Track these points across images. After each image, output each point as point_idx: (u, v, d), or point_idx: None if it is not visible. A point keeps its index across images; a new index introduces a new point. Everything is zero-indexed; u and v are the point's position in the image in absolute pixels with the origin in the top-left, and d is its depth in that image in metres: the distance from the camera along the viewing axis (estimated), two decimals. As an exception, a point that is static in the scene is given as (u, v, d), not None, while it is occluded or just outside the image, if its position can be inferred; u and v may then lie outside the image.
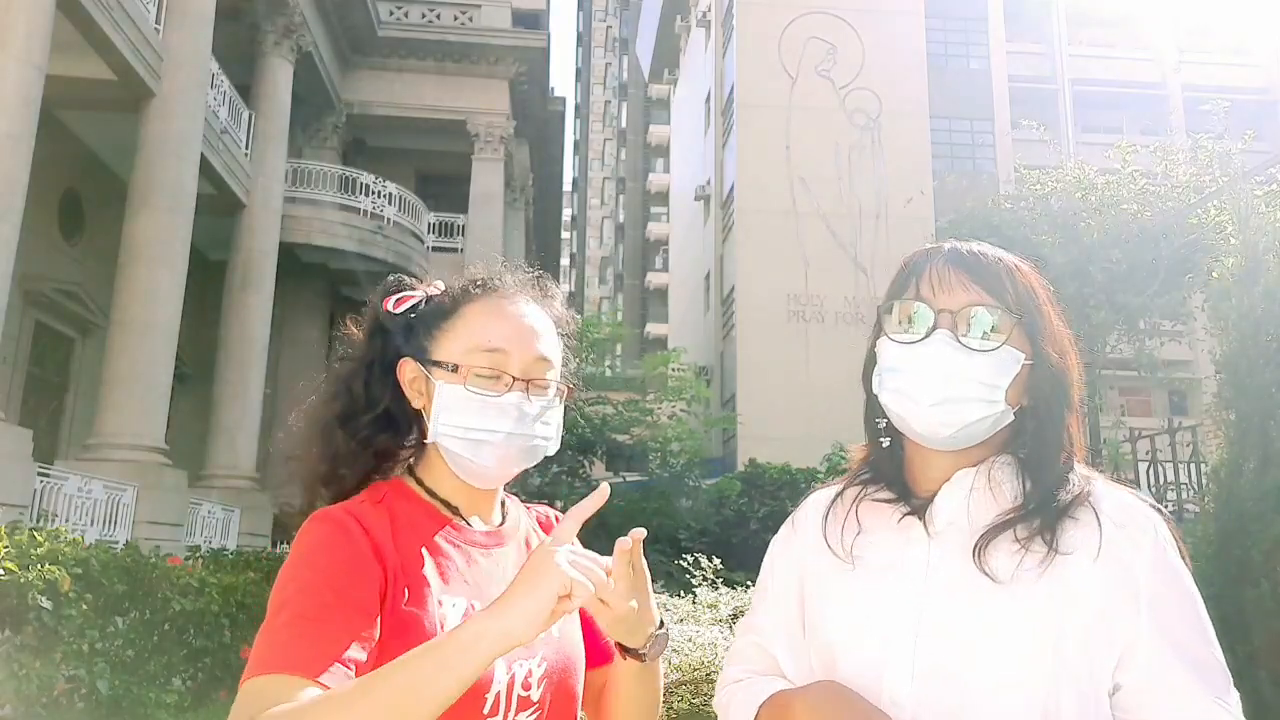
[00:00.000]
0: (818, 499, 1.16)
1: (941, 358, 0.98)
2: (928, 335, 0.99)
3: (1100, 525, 0.97)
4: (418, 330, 1.10)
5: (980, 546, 0.97)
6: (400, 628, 0.96)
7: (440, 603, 1.00)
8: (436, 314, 1.11)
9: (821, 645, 1.05)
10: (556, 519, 1.25)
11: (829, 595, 1.06)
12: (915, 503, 1.04)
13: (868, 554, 1.05)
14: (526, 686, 1.02)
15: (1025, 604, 0.94)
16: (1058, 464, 1.01)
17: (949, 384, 0.98)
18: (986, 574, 0.95)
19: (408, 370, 1.09)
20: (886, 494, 1.08)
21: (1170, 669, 0.93)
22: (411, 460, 1.13)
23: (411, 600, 0.98)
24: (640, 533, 0.97)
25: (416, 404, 1.09)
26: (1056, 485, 1.00)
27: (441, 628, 0.98)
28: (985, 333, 0.99)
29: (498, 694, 0.99)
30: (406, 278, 1.16)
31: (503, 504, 1.18)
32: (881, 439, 1.10)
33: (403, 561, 1.00)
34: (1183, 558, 0.99)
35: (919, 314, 1.01)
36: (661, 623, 1.05)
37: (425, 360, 1.08)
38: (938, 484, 1.03)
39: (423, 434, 1.10)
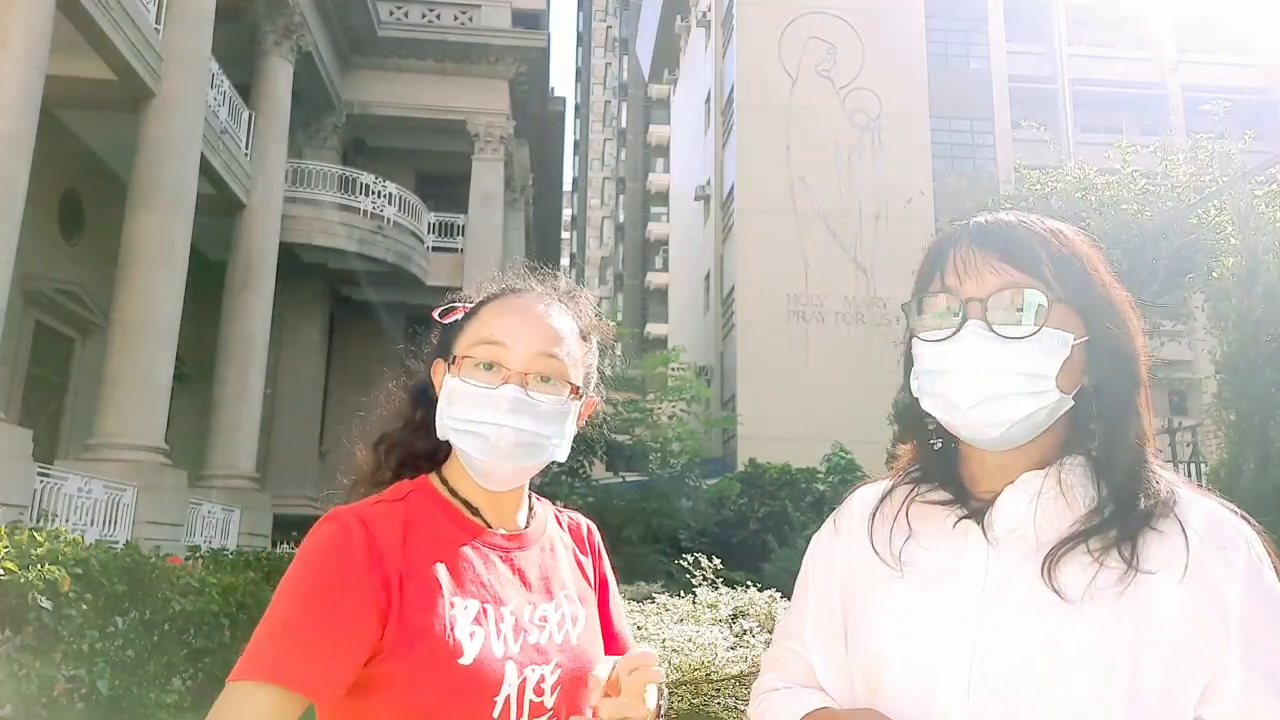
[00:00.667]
0: (863, 496, 1.07)
1: (976, 353, 0.89)
2: (958, 330, 0.90)
3: (1187, 540, 0.86)
4: (450, 335, 1.13)
5: (1051, 560, 0.87)
6: (408, 630, 0.96)
7: (452, 604, 1.00)
8: (467, 315, 1.13)
9: (866, 658, 0.95)
10: (589, 531, 1.27)
11: (875, 604, 0.97)
12: (974, 505, 0.94)
13: (919, 560, 0.95)
14: (539, 692, 1.02)
15: (1099, 626, 0.84)
16: (1133, 460, 0.90)
17: (988, 380, 0.88)
18: (1056, 590, 0.86)
19: (438, 371, 1.12)
20: (940, 495, 0.97)
21: (1265, 704, 0.83)
22: (441, 461, 1.14)
23: (419, 602, 0.98)
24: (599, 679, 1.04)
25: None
26: (1135, 489, 0.89)
27: (451, 630, 0.98)
28: (1021, 317, 0.88)
29: (508, 697, 0.99)
30: (462, 291, 1.19)
31: (530, 507, 1.18)
32: (932, 441, 1.01)
33: (411, 563, 1.00)
34: None
35: (947, 307, 0.92)
36: (660, 690, 1.05)
37: (448, 358, 1.11)
38: (999, 485, 0.93)
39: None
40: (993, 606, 0.89)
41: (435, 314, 1.14)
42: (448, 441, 1.09)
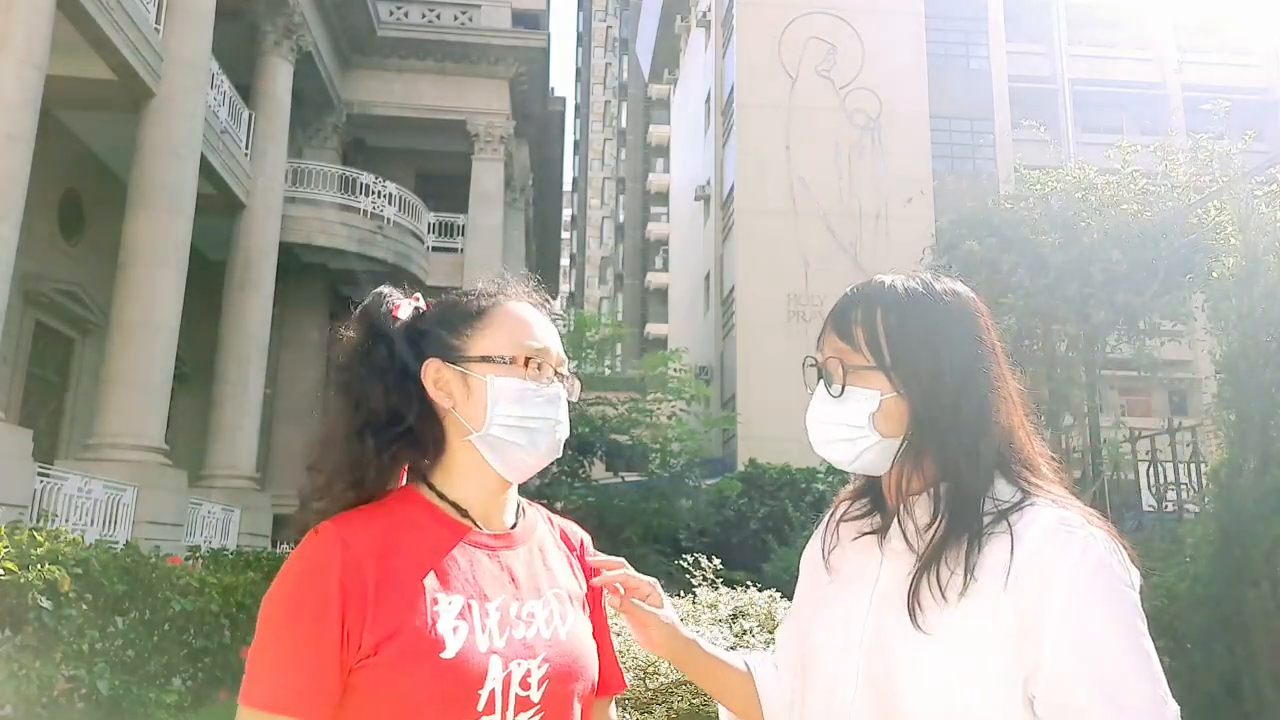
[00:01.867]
0: (830, 511, 1.26)
1: (815, 407, 1.13)
2: (814, 389, 1.14)
3: (1013, 550, 0.98)
4: (437, 333, 1.12)
5: (914, 581, 1.01)
6: (387, 630, 0.98)
7: (435, 600, 1.01)
8: (462, 316, 1.14)
9: (801, 650, 1.15)
10: (583, 543, 1.27)
11: (810, 605, 1.17)
12: (884, 521, 1.12)
13: (843, 567, 1.14)
14: (525, 686, 1.02)
15: (942, 634, 0.98)
16: (963, 487, 1.04)
17: (824, 428, 1.12)
18: (914, 603, 1.00)
19: (433, 371, 1.10)
20: (864, 510, 1.17)
21: (1074, 693, 0.91)
22: (426, 466, 1.14)
23: (399, 602, 0.99)
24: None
25: (445, 404, 1.11)
26: (966, 508, 1.03)
27: (432, 625, 0.99)
28: (836, 380, 1.09)
29: (492, 691, 0.99)
30: (394, 290, 1.17)
31: (521, 509, 1.19)
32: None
33: (390, 566, 1.01)
34: (1129, 585, 0.96)
35: (814, 368, 1.15)
36: None
37: (458, 359, 1.10)
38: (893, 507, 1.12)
39: (438, 438, 1.12)
40: (875, 614, 1.05)
41: (397, 313, 1.13)
42: (433, 446, 1.12)
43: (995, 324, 1.16)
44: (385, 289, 1.17)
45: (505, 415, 1.09)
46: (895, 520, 1.09)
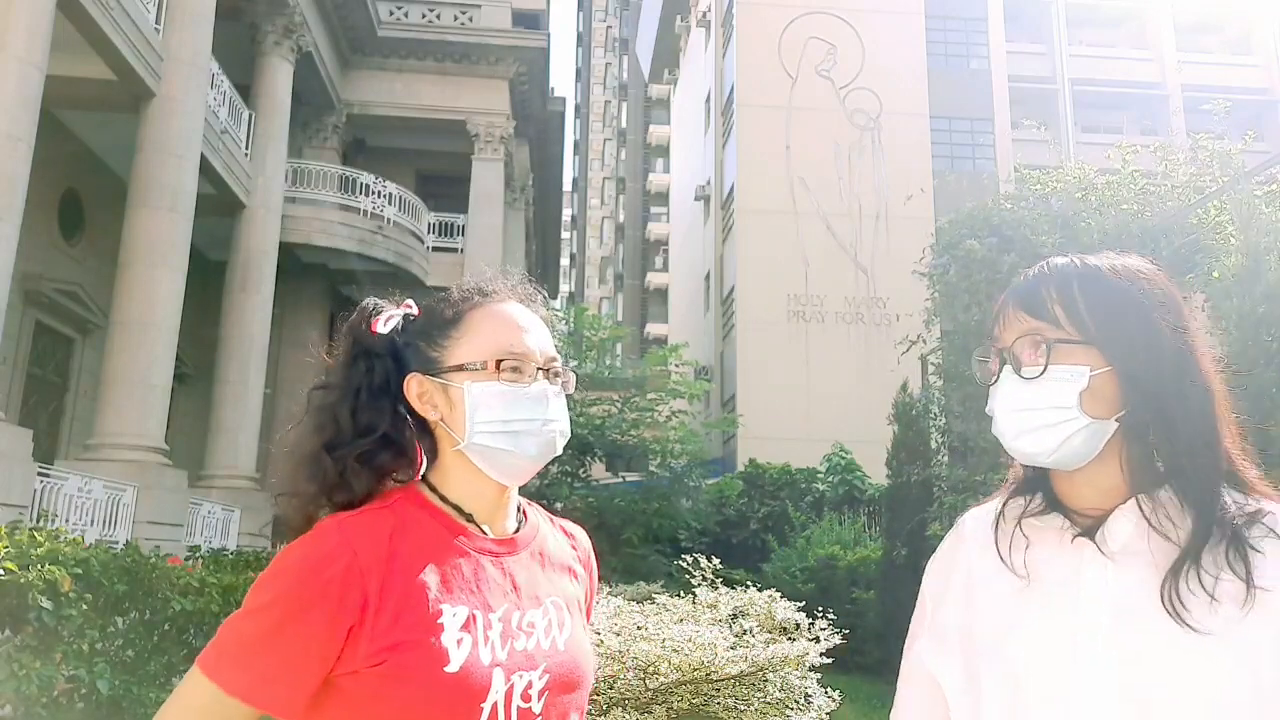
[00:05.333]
0: (977, 515, 1.14)
1: (1008, 394, 1.02)
2: (997, 377, 1.04)
3: None
4: (417, 345, 1.11)
5: (1170, 583, 0.92)
6: (390, 640, 0.97)
7: (439, 611, 1.00)
8: (438, 325, 1.12)
9: (1003, 668, 1.00)
10: (589, 540, 1.27)
11: (1004, 617, 1.02)
12: (1081, 522, 1.01)
13: (1041, 570, 1.01)
14: (526, 698, 1.02)
15: (1226, 648, 0.89)
16: (1201, 478, 0.95)
17: (1021, 417, 1.00)
18: (1177, 613, 0.90)
19: (415, 385, 1.10)
20: (1049, 512, 1.04)
21: None
22: (425, 468, 1.13)
23: (403, 612, 0.98)
24: None
25: (430, 417, 1.10)
26: (1213, 508, 0.94)
27: (437, 638, 0.98)
28: (1034, 361, 1.00)
29: (494, 704, 0.99)
30: (379, 301, 1.16)
31: (523, 512, 1.18)
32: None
33: (396, 573, 1.00)
34: None
35: (985, 362, 1.07)
36: None
37: (437, 370, 1.09)
38: (1098, 502, 1.00)
39: (433, 447, 1.11)
40: (1121, 623, 0.94)
41: (376, 327, 1.11)
42: (427, 452, 1.11)
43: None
44: (370, 302, 1.15)
45: (486, 422, 1.07)
46: (1121, 517, 0.97)
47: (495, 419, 1.07)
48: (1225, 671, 0.88)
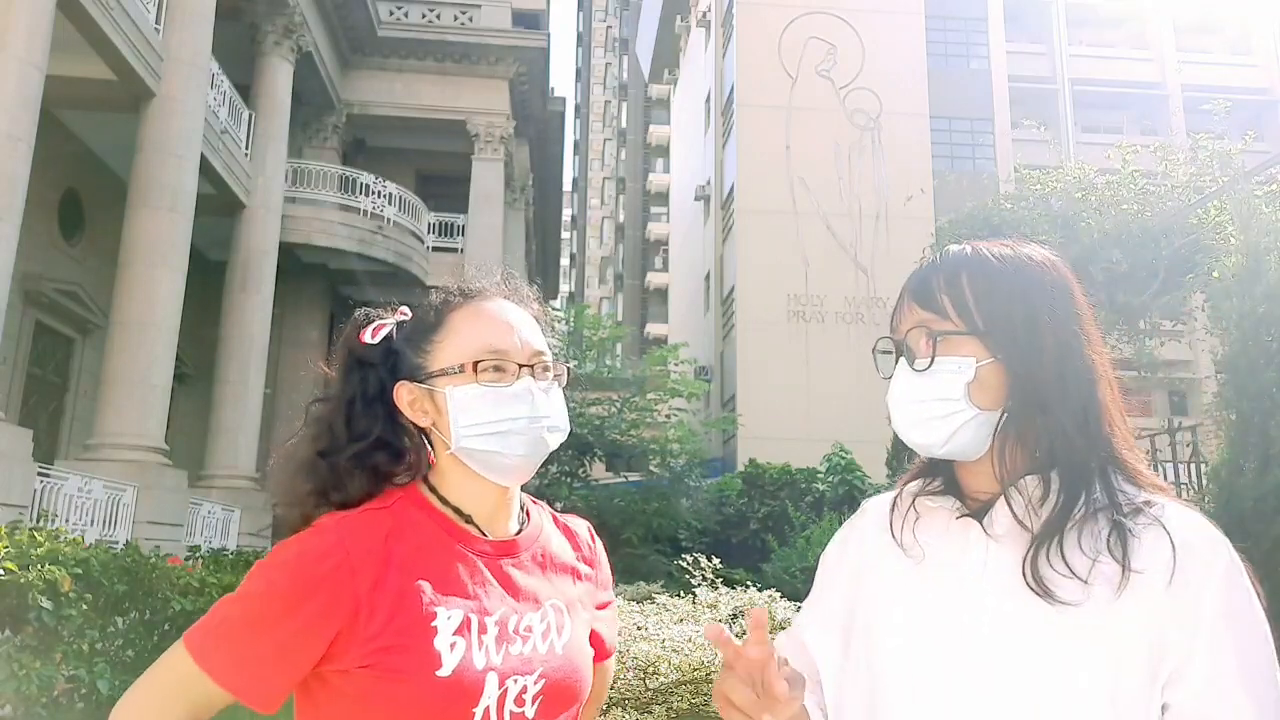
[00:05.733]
0: (877, 500, 1.16)
1: (901, 386, 1.03)
2: (893, 369, 1.05)
3: (1173, 544, 0.91)
4: (404, 353, 1.11)
5: (1029, 559, 0.93)
6: (382, 642, 0.97)
7: (434, 615, 1.00)
8: (421, 331, 1.12)
9: (875, 643, 1.03)
10: (591, 536, 1.25)
11: (888, 594, 1.04)
12: (973, 506, 1.03)
13: (930, 550, 1.03)
14: (520, 703, 1.01)
15: (1091, 626, 0.90)
16: (1078, 462, 0.96)
17: (913, 408, 1.02)
18: (1041, 589, 0.92)
19: (405, 393, 1.10)
20: (944, 494, 1.06)
21: (1230, 693, 0.87)
22: (426, 471, 1.13)
23: (396, 614, 0.98)
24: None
25: (422, 423, 1.10)
26: (1088, 486, 0.95)
27: (431, 641, 0.98)
28: (923, 352, 1.01)
29: (487, 708, 0.99)
30: (373, 310, 1.16)
31: (526, 512, 1.17)
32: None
33: (391, 575, 1.00)
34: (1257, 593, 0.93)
35: (888, 353, 1.06)
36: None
37: (423, 377, 1.09)
38: (994, 488, 1.01)
39: (429, 454, 1.11)
40: (991, 599, 0.95)
41: (364, 336, 1.12)
42: (424, 456, 1.11)
43: None
44: (362, 313, 1.16)
45: (470, 425, 1.06)
46: (1002, 502, 0.98)
47: (478, 421, 1.06)
48: (1088, 649, 0.90)
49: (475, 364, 1.06)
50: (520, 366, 1.08)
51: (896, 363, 1.04)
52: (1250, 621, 0.91)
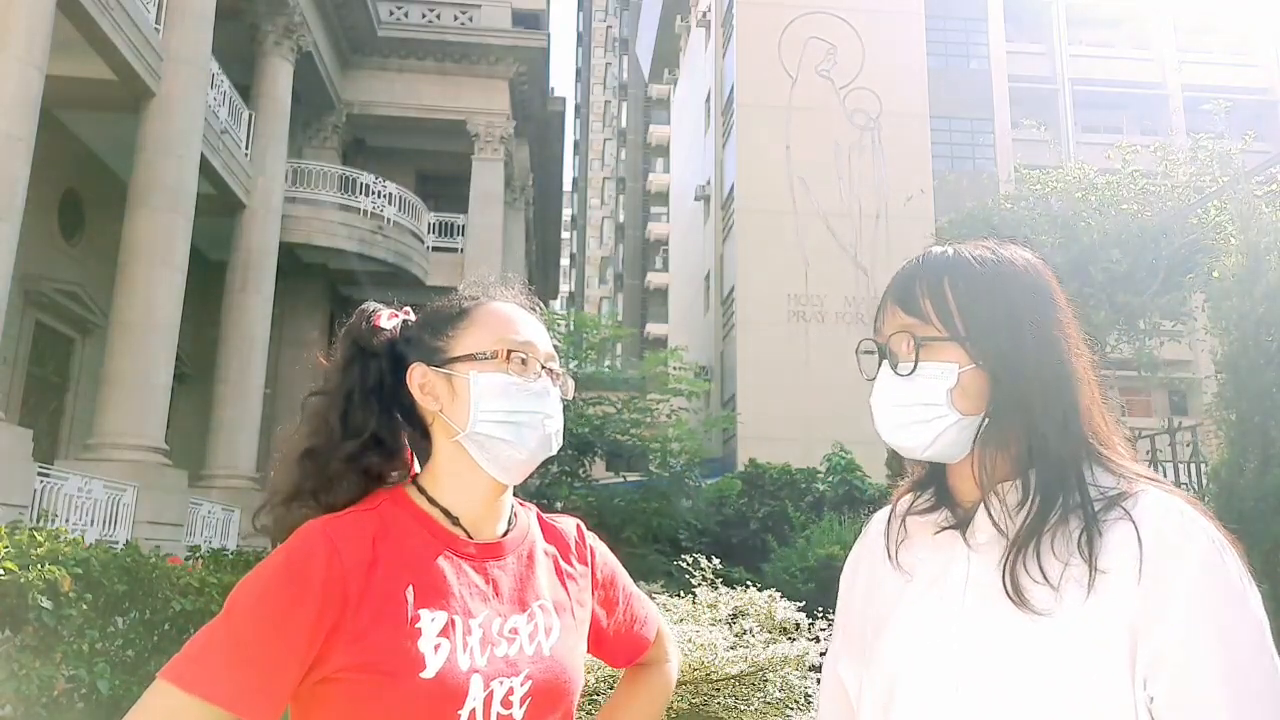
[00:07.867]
0: (880, 514, 1.16)
1: (884, 389, 1.03)
2: (876, 373, 1.05)
3: (1140, 539, 0.90)
4: (421, 338, 1.12)
5: (1006, 568, 0.94)
6: (366, 645, 0.97)
7: (417, 617, 0.99)
8: (444, 319, 1.13)
9: (882, 668, 1.02)
10: (580, 532, 1.25)
11: (889, 614, 1.05)
12: (959, 515, 1.03)
13: (919, 567, 1.04)
14: (507, 705, 1.01)
15: (1064, 631, 0.90)
16: (1057, 466, 0.96)
17: (896, 412, 1.02)
18: (1016, 596, 0.92)
19: (418, 375, 1.10)
20: (931, 506, 1.07)
21: (1204, 682, 0.85)
22: (415, 471, 1.14)
23: (380, 617, 0.98)
24: None
25: (431, 408, 1.10)
26: (1066, 489, 0.95)
27: (414, 644, 0.98)
28: (905, 357, 1.01)
29: (473, 710, 0.99)
30: (379, 305, 1.18)
31: (514, 514, 1.17)
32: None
33: (376, 577, 1.00)
34: (1248, 580, 0.91)
35: (872, 354, 1.06)
36: None
37: (443, 360, 1.10)
38: (973, 496, 1.02)
39: (426, 449, 1.12)
40: (971, 613, 0.96)
41: (379, 322, 1.14)
42: (418, 451, 1.12)
43: None
44: (369, 305, 1.17)
45: (490, 411, 1.07)
46: (982, 509, 0.99)
47: (500, 408, 1.07)
48: (1063, 656, 0.89)
49: (509, 352, 1.09)
50: (542, 366, 1.11)
51: (880, 364, 1.04)
52: (1230, 606, 0.88)
